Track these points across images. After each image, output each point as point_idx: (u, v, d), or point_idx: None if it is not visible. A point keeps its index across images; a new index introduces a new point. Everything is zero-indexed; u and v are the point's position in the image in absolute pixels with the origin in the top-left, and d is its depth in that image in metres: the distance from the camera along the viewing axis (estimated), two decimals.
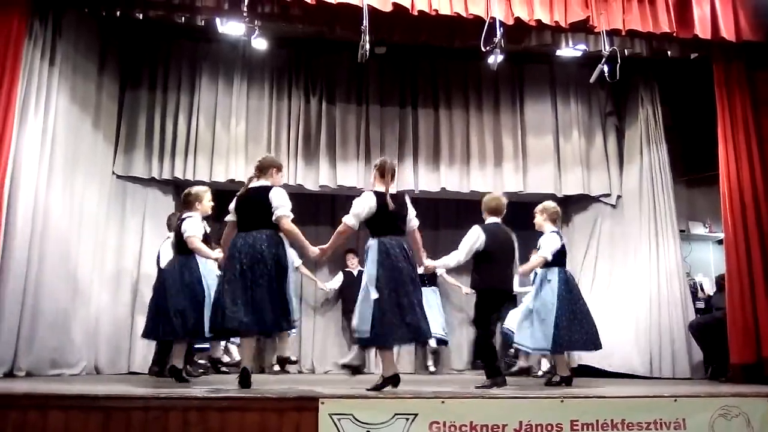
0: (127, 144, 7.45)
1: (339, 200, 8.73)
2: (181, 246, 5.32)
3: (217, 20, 6.27)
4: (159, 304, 5.28)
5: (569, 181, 7.97)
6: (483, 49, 5.72)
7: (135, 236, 7.40)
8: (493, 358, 5.12)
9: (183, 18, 6.18)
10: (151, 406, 3.70)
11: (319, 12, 5.80)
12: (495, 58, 5.92)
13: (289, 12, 5.89)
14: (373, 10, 5.54)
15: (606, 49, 6.03)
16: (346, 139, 7.81)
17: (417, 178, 7.84)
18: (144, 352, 6.96)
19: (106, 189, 7.17)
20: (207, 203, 5.52)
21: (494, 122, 8.07)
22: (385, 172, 4.70)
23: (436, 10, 5.70)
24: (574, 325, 5.50)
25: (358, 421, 3.77)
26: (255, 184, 4.81)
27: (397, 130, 7.91)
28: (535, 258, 5.70)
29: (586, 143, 8.13)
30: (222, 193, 7.91)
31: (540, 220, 5.83)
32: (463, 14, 5.76)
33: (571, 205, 8.30)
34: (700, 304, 7.28)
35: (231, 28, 6.40)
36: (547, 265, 5.63)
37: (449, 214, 8.74)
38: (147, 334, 5.47)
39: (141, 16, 6.07)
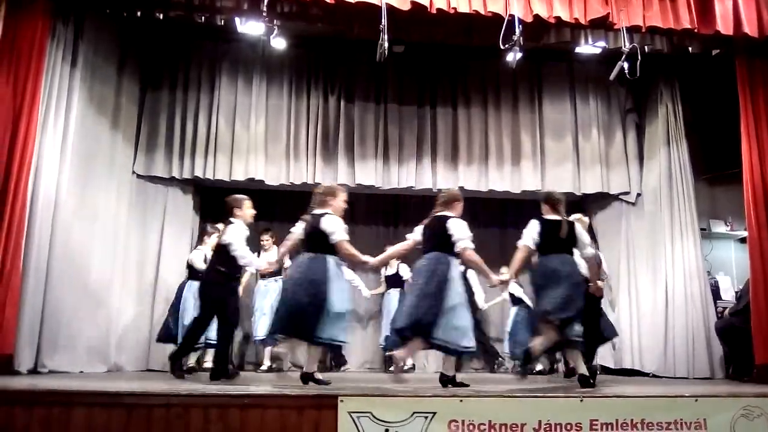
0: (147, 144, 7.53)
1: (357, 199, 8.76)
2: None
3: (237, 20, 6.30)
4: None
5: (588, 180, 7.93)
6: (502, 47, 5.69)
7: (155, 234, 7.50)
8: None
9: (203, 18, 6.23)
10: (173, 403, 3.75)
11: (337, 11, 5.81)
12: (514, 56, 5.90)
13: (308, 11, 5.91)
14: (391, 9, 5.53)
15: (626, 45, 5.97)
16: (364, 137, 7.82)
17: (435, 177, 7.83)
18: (163, 350, 7.05)
19: (126, 188, 7.25)
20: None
21: (513, 121, 8.04)
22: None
23: (455, 8, 5.68)
24: None
25: (377, 419, 3.78)
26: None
27: (416, 129, 7.92)
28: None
29: (605, 141, 8.08)
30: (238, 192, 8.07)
31: None
32: (482, 12, 5.73)
33: (590, 204, 8.26)
34: (723, 304, 7.19)
35: (250, 27, 6.42)
36: None
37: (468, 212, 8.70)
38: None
39: (161, 17, 6.12)
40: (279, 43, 6.76)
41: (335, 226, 4.94)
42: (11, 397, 3.76)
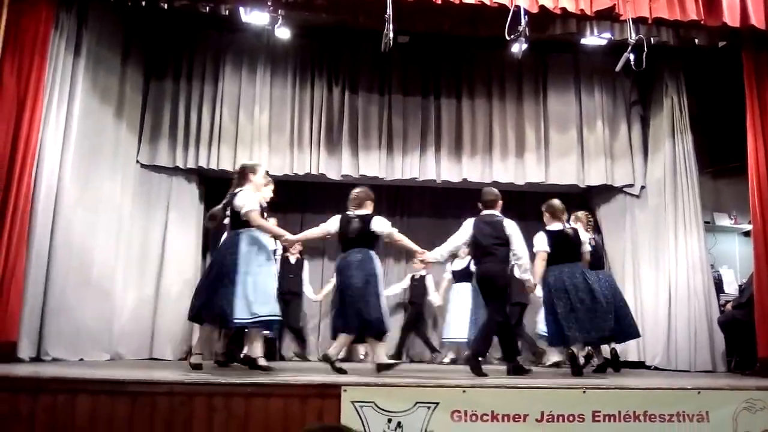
0: (151, 133, 7.52)
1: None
2: None
3: (241, 10, 6.28)
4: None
5: (592, 172, 7.90)
6: (507, 38, 5.67)
7: (159, 224, 7.51)
8: None
9: (207, 8, 6.21)
10: (177, 391, 3.76)
11: (342, 1, 5.80)
12: (519, 47, 5.88)
13: (312, 1, 5.89)
14: None
15: (632, 37, 5.94)
16: (368, 128, 7.81)
17: (439, 168, 7.83)
18: (167, 338, 7.09)
19: (130, 178, 7.24)
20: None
21: (517, 112, 8.02)
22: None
23: None
24: None
25: (380, 408, 3.80)
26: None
27: (420, 120, 7.89)
28: None
29: (609, 133, 8.04)
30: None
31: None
32: (487, 2, 5.69)
33: (594, 196, 8.25)
34: (726, 297, 7.19)
35: (255, 17, 6.39)
36: None
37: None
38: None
39: (166, 6, 6.11)
40: (283, 33, 6.73)
41: (584, 236, 5.93)
42: (16, 385, 3.78)
